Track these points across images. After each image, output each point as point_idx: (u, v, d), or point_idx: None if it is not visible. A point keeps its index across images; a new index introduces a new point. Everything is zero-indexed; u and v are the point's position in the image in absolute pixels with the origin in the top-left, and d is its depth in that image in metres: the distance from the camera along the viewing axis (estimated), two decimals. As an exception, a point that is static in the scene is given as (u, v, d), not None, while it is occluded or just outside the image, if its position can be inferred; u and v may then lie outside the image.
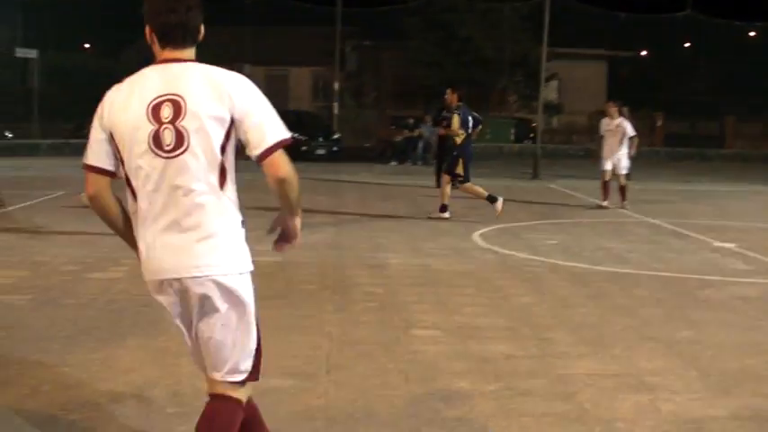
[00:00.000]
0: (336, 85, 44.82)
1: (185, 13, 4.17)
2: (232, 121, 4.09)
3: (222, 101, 4.07)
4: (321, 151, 37.40)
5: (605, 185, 20.23)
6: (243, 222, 4.25)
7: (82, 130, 37.22)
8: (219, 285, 4.12)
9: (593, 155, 21.07)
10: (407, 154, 36.14)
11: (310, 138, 37.95)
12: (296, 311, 9.10)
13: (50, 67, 41.54)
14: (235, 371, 4.27)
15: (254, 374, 4.34)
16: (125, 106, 4.12)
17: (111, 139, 4.16)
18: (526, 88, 49.74)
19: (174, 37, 4.19)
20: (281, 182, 4.14)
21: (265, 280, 10.63)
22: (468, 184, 17.31)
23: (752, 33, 51.91)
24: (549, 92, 46.28)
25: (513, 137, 43.72)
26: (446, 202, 17.26)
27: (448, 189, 17.28)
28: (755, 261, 13.08)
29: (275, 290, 10.09)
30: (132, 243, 4.32)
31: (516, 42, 48.11)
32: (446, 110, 24.91)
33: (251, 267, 4.25)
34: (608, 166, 20.18)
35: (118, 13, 46.55)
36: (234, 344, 4.22)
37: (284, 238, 4.45)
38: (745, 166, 37.61)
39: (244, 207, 4.27)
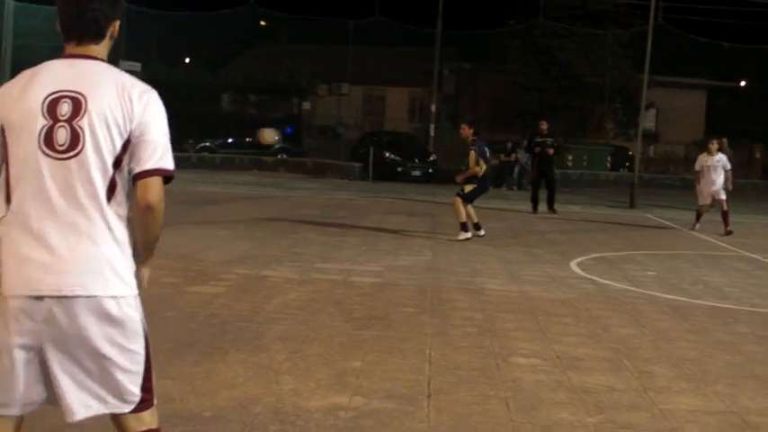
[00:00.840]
0: (433, 107, 44.98)
1: (88, 5, 3.87)
2: (131, 134, 3.80)
3: (125, 109, 3.80)
4: (417, 173, 37.71)
5: (699, 214, 21.74)
6: (128, 243, 3.90)
7: (181, 144, 37.92)
8: (100, 306, 3.73)
9: (694, 186, 21.85)
10: (504, 178, 36.05)
11: (406, 159, 38.19)
12: (396, 334, 9.11)
13: (152, 79, 42.16)
14: (121, 397, 3.87)
15: (148, 398, 3.97)
16: (20, 97, 3.79)
17: (2, 133, 3.81)
18: (624, 116, 49.50)
19: (73, 29, 3.91)
20: (148, 209, 3.81)
21: (365, 300, 10.73)
22: (462, 203, 17.40)
23: None
24: (647, 120, 45.85)
25: (609, 165, 43.33)
26: (463, 219, 17.32)
27: (462, 208, 17.28)
28: None
29: (375, 311, 10.18)
30: None
31: (616, 69, 47.86)
32: (539, 136, 25.07)
33: (135, 290, 3.90)
34: (707, 200, 21.43)
35: (219, 29, 47.29)
36: (116, 370, 3.82)
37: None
38: None
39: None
